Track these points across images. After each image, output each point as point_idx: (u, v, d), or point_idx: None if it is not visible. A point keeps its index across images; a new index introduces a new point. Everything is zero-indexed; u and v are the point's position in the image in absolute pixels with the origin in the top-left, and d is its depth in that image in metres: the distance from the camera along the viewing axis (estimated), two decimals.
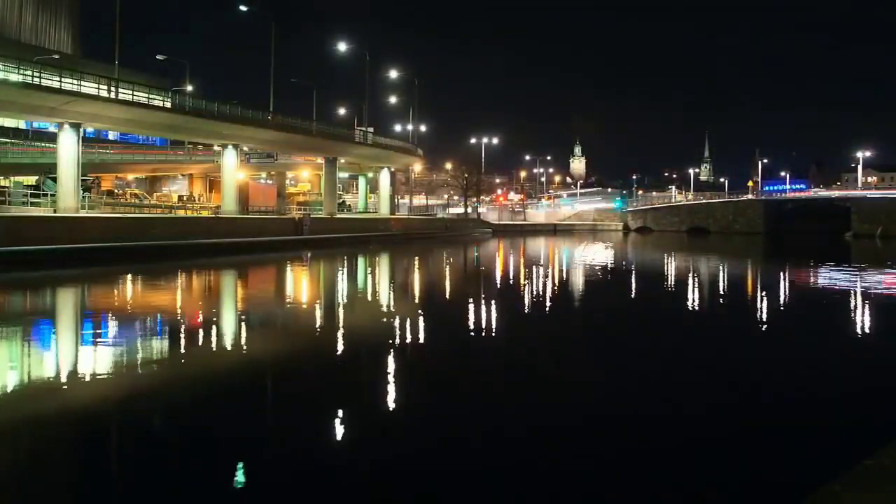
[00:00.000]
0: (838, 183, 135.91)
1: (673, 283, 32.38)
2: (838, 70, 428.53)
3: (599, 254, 54.13)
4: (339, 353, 14.51)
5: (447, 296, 26.48)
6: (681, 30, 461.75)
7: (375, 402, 10.36)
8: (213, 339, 16.24)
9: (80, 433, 9.18)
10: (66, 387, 11.33)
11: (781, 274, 37.07)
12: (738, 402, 10.66)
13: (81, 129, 45.60)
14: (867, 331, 17.99)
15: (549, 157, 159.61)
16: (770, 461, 8.02)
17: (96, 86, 43.97)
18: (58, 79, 41.73)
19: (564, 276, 35.35)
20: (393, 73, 77.62)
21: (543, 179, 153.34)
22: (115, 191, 72.73)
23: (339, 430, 9.14)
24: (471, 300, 23.57)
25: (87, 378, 12.22)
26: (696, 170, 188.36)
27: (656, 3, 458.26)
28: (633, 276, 36.20)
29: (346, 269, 38.22)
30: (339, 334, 16.80)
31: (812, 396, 11.05)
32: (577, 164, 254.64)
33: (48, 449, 8.53)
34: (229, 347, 15.27)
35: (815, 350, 15.21)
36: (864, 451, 6.42)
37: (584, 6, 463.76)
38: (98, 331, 17.10)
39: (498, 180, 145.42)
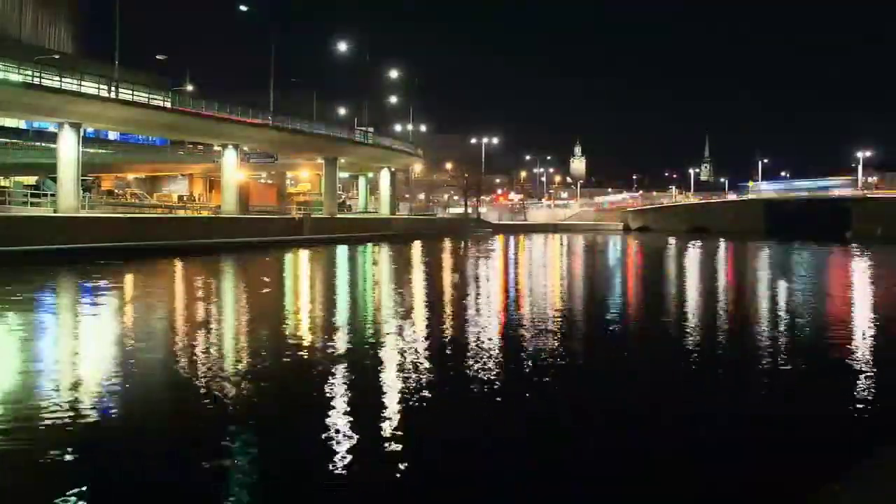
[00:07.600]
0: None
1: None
2: (839, 69, 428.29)
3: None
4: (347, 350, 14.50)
5: (454, 293, 26.47)
6: (682, 29, 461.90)
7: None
8: (217, 338, 16.23)
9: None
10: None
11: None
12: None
13: (81, 130, 45.57)
14: None
15: (549, 158, 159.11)
16: None
17: (96, 86, 43.94)
18: (58, 79, 41.70)
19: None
20: (393, 73, 77.70)
21: (544, 179, 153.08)
22: (116, 191, 72.60)
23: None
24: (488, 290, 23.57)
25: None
26: (697, 170, 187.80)
27: (657, 2, 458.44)
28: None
29: (347, 269, 38.22)
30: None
31: None
32: (578, 164, 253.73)
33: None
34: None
35: None
36: None
37: (584, 6, 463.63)
38: (97, 333, 17.11)
39: (498, 180, 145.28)
